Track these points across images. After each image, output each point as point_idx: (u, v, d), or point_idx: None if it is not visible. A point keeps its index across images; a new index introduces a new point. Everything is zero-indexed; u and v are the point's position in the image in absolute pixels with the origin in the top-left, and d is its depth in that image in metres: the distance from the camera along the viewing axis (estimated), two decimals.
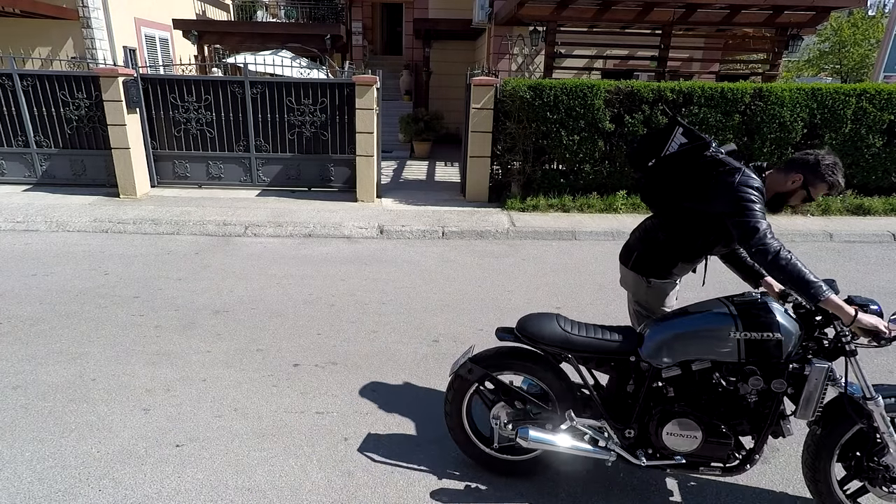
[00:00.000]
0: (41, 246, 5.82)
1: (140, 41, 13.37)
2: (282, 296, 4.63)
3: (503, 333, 2.35)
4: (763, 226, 2.00)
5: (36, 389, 3.17)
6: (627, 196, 7.65)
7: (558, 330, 2.24)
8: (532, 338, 2.25)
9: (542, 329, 2.25)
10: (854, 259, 5.99)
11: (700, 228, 2.28)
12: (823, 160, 2.11)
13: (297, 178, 8.27)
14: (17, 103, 7.70)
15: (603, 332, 2.25)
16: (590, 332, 2.25)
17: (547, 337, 2.23)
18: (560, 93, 7.20)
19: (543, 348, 2.27)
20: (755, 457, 2.16)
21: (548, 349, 2.26)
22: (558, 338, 2.23)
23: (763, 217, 2.03)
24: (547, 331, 2.24)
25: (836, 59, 20.42)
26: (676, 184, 2.27)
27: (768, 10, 9.69)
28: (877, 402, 1.98)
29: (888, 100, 7.37)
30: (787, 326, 1.99)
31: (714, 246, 2.34)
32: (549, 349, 2.26)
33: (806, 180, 2.14)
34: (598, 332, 2.25)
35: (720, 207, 2.12)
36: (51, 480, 2.47)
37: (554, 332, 2.23)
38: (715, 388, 2.15)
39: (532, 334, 2.25)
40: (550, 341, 2.23)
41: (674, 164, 2.24)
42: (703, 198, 2.19)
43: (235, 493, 2.41)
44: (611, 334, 2.24)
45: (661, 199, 2.39)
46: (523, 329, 2.27)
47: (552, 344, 2.23)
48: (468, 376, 2.38)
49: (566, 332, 2.23)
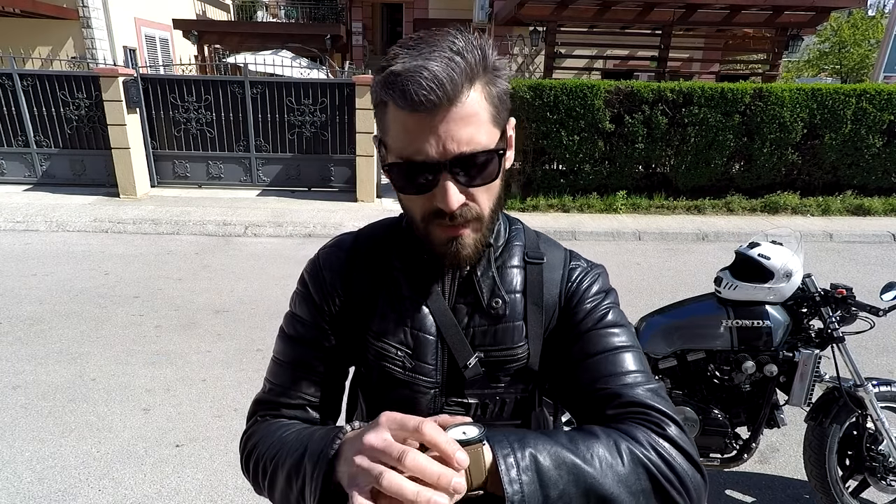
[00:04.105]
0: (41, 246, 5.82)
1: (140, 41, 13.37)
2: (282, 296, 4.63)
3: None
4: None
5: (36, 389, 3.18)
6: (627, 196, 7.65)
7: None
8: None
9: None
10: (854, 259, 5.99)
11: None
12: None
13: (297, 178, 8.27)
14: (17, 103, 7.69)
15: None
16: None
17: None
18: (560, 93, 7.20)
19: None
20: (752, 446, 2.19)
21: None
22: None
23: None
24: None
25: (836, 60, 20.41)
26: None
27: (768, 10, 9.70)
28: (866, 389, 2.06)
29: (888, 100, 7.37)
30: (776, 315, 2.06)
31: None
32: None
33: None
34: None
35: None
36: (51, 480, 2.47)
37: None
38: (710, 379, 2.20)
39: None
40: None
41: None
42: None
43: (235, 493, 2.42)
44: None
45: None
46: None
47: None
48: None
49: None
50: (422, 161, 0.64)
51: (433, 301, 0.78)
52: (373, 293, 0.80)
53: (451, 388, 0.79)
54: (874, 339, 3.73)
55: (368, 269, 0.81)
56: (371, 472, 0.52)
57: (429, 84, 0.59)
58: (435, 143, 0.62)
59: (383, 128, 0.68)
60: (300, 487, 0.63)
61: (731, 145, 7.45)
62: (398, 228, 0.84)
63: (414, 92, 0.59)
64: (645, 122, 7.32)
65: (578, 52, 11.30)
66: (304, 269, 0.86)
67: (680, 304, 2.26)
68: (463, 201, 0.66)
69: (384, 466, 0.52)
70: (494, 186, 0.70)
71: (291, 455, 0.67)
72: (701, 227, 6.94)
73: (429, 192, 0.66)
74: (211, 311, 4.30)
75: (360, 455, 0.54)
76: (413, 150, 0.63)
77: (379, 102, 0.67)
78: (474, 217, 0.69)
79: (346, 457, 0.58)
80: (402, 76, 0.60)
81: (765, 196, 7.74)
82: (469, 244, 0.71)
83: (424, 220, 0.70)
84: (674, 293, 4.58)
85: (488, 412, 0.81)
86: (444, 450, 0.52)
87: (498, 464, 0.55)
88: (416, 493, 0.50)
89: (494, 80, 0.66)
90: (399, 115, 0.63)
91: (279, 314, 0.89)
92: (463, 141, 0.63)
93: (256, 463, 0.73)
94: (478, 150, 0.64)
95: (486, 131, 0.65)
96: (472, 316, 0.78)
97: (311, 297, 0.82)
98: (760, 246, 2.12)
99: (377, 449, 0.53)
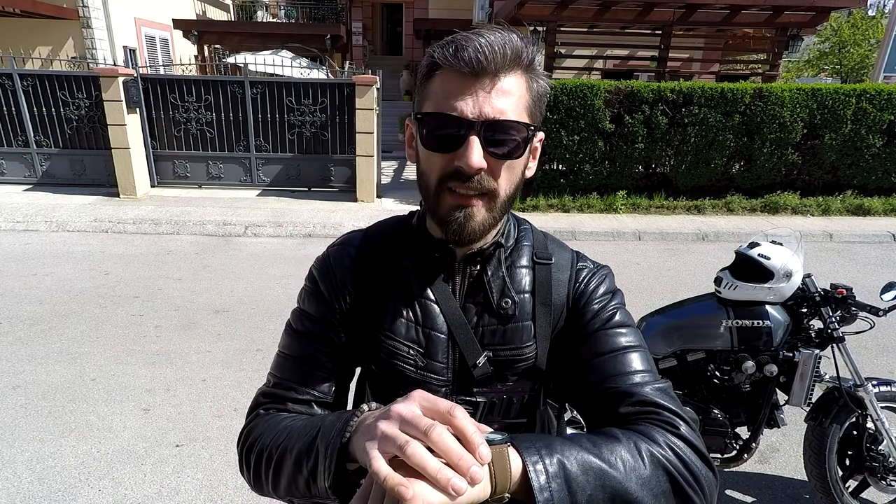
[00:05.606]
0: (41, 246, 5.82)
1: (140, 41, 13.37)
2: (282, 296, 4.63)
3: None
4: None
5: (36, 389, 3.17)
6: (627, 196, 7.65)
7: None
8: None
9: None
10: (854, 259, 5.99)
11: None
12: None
13: (297, 178, 8.27)
14: (17, 103, 7.69)
15: None
16: None
17: None
18: (560, 93, 7.19)
19: None
20: (752, 446, 2.18)
21: None
22: None
23: None
24: None
25: (836, 60, 20.41)
26: None
27: (768, 10, 9.69)
28: (866, 389, 2.06)
29: (888, 100, 7.37)
30: (777, 315, 2.06)
31: None
32: None
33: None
34: None
35: None
36: (51, 480, 2.47)
37: None
38: (710, 379, 2.20)
39: None
40: None
41: None
42: None
43: (235, 493, 2.42)
44: None
45: None
46: None
47: None
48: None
49: None
50: (455, 116, 0.66)
51: (444, 300, 0.79)
52: (384, 291, 0.80)
53: (460, 386, 0.80)
54: (874, 339, 3.73)
55: (379, 267, 0.82)
56: (396, 439, 0.51)
57: (482, 48, 0.64)
58: (472, 104, 0.65)
59: (423, 97, 0.71)
60: (311, 468, 0.62)
61: (731, 145, 7.45)
62: (407, 227, 0.85)
63: (467, 52, 0.64)
64: (645, 122, 7.32)
65: (578, 52, 11.30)
66: (313, 266, 0.86)
67: (680, 304, 2.26)
68: (484, 165, 0.67)
69: (408, 436, 0.51)
70: (516, 168, 0.71)
71: (301, 439, 0.66)
72: (701, 227, 6.94)
73: (454, 150, 0.67)
74: (211, 311, 4.30)
75: (385, 421, 0.53)
76: (449, 105, 0.66)
77: (426, 73, 0.70)
78: (489, 190, 0.70)
79: (364, 429, 0.57)
80: (460, 38, 0.67)
81: (765, 196, 7.74)
82: (477, 218, 0.71)
83: (440, 183, 0.70)
84: (674, 293, 4.59)
85: (495, 411, 0.81)
86: (469, 438, 0.51)
87: (528, 470, 0.54)
88: (437, 469, 0.49)
89: (537, 79, 0.71)
90: (446, 76, 0.67)
91: (279, 314, 0.89)
92: (498, 110, 0.66)
93: (260, 453, 0.72)
94: (511, 119, 0.67)
95: (521, 114, 0.68)
96: (481, 315, 0.79)
97: (321, 293, 0.82)
98: (760, 246, 2.12)
99: (405, 418, 0.52)
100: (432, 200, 0.72)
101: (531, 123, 0.69)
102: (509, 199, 0.73)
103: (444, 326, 0.78)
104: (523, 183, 0.76)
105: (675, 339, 2.16)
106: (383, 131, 8.95)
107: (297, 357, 0.81)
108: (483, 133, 0.66)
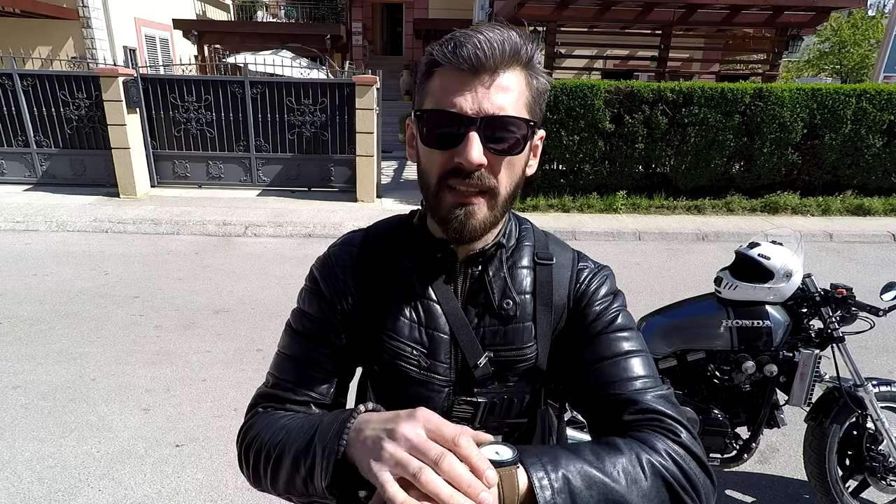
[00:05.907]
0: (41, 246, 5.82)
1: (140, 41, 13.38)
2: (282, 296, 4.63)
3: None
4: None
5: (36, 389, 3.17)
6: (627, 196, 7.65)
7: None
8: None
9: None
10: (854, 259, 5.99)
11: None
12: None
13: (297, 178, 8.27)
14: (17, 103, 7.69)
15: None
16: None
17: None
18: (560, 93, 7.19)
19: None
20: (752, 446, 2.18)
21: None
22: None
23: None
24: None
25: (836, 60, 20.41)
26: None
27: (768, 10, 9.69)
28: (866, 389, 2.06)
29: (888, 100, 7.37)
30: (776, 315, 2.06)
31: None
32: None
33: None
34: None
35: None
36: (51, 480, 2.47)
37: None
38: (710, 379, 2.20)
39: None
40: None
41: None
42: None
43: (235, 493, 2.42)
44: None
45: None
46: None
47: None
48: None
49: None
50: (455, 112, 0.65)
51: (446, 300, 0.79)
52: (386, 291, 0.80)
53: (462, 386, 0.80)
54: (874, 339, 3.73)
55: (380, 267, 0.81)
56: (408, 466, 0.52)
57: (481, 45, 0.64)
58: (471, 101, 0.65)
59: (423, 96, 0.70)
60: (309, 467, 0.63)
61: (731, 145, 7.45)
62: (409, 226, 0.84)
63: (466, 49, 0.64)
64: (645, 122, 7.31)
65: (578, 52, 11.30)
66: (314, 265, 0.85)
67: (680, 304, 2.26)
68: (484, 161, 0.67)
69: (421, 462, 0.52)
70: (516, 166, 0.71)
71: (300, 438, 0.66)
72: (701, 227, 6.94)
73: (453, 147, 0.67)
74: (211, 311, 4.30)
75: (393, 444, 0.54)
76: (448, 102, 0.66)
77: (425, 71, 0.69)
78: (490, 187, 0.69)
79: (364, 437, 0.57)
80: (459, 36, 0.66)
81: (765, 196, 7.74)
82: (478, 217, 0.70)
83: (440, 181, 0.70)
84: (674, 293, 4.59)
85: (496, 411, 0.81)
86: (475, 465, 0.53)
87: (534, 488, 0.56)
88: (450, 497, 0.50)
89: (537, 76, 0.70)
90: (445, 74, 0.67)
91: (279, 314, 0.89)
92: (498, 106, 0.66)
93: (258, 451, 0.72)
94: (510, 115, 0.66)
95: (520, 110, 0.68)
96: (482, 316, 0.79)
97: (322, 293, 0.81)
98: (760, 246, 2.12)
99: (413, 444, 0.53)
100: (433, 199, 0.72)
101: (531, 120, 0.69)
102: (510, 197, 0.73)
103: (446, 327, 0.78)
104: (524, 181, 0.76)
105: (675, 339, 2.16)
106: (383, 131, 8.95)
107: (297, 357, 0.81)
108: (482, 129, 0.65)
